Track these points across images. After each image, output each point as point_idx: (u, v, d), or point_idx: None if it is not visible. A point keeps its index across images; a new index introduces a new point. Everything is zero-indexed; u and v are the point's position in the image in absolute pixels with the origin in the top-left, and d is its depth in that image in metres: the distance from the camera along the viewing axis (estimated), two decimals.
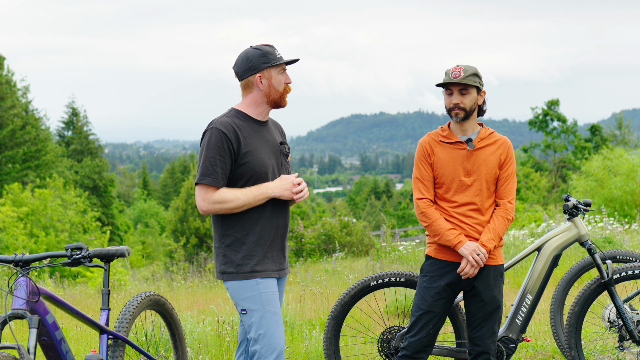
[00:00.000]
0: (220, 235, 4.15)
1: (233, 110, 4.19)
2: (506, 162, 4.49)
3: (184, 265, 17.21)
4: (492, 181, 4.46)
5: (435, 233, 4.44)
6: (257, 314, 4.06)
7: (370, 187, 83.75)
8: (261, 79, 4.14)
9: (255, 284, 4.07)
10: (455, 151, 4.47)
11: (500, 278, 4.52)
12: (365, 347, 6.29)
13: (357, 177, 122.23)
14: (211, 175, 4.02)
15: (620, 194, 21.44)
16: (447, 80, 4.40)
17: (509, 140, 4.56)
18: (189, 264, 17.31)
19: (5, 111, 40.62)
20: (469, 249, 4.35)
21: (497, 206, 4.50)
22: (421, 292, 4.52)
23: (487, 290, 4.46)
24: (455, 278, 4.46)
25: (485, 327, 4.49)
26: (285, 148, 4.30)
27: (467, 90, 4.40)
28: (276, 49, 4.20)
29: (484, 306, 4.47)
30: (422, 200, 4.49)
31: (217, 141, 4.04)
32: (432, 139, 4.55)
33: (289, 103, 4.26)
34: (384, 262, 12.42)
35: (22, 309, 3.61)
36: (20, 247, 23.92)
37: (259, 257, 4.10)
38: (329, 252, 18.48)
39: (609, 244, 10.41)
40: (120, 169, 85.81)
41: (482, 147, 4.47)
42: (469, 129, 4.49)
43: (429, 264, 4.55)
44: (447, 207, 4.47)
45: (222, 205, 4.04)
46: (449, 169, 4.45)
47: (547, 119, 49.05)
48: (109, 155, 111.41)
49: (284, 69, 4.20)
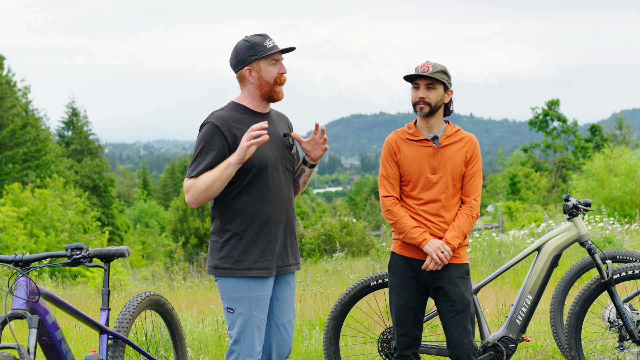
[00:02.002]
0: (218, 229, 4.07)
1: (232, 104, 4.11)
2: (472, 159, 4.50)
3: (184, 265, 17.22)
4: (457, 178, 4.48)
5: (400, 231, 4.45)
6: (242, 317, 4.01)
7: (370, 187, 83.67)
8: (250, 72, 4.04)
9: (247, 287, 3.99)
10: (422, 148, 4.48)
11: (466, 276, 4.53)
12: (365, 347, 6.29)
13: (357, 177, 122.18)
14: (200, 170, 3.93)
15: (620, 194, 21.44)
16: (414, 73, 4.42)
17: (475, 138, 4.57)
18: (189, 264, 17.31)
19: (5, 111, 40.62)
20: (433, 247, 4.36)
21: (463, 204, 4.51)
22: (395, 290, 4.54)
23: (454, 289, 4.46)
24: (419, 273, 4.48)
25: (459, 328, 4.46)
26: (289, 140, 4.18)
27: (434, 86, 4.41)
28: (268, 39, 4.04)
29: (453, 305, 4.46)
30: (388, 198, 4.50)
31: (210, 135, 3.96)
32: (399, 136, 4.55)
33: (289, 103, 4.17)
34: (384, 262, 12.41)
35: (22, 309, 3.61)
36: (20, 247, 23.92)
37: (257, 254, 4.01)
38: (329, 252, 18.48)
39: (609, 244, 10.41)
40: (120, 169, 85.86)
41: (448, 144, 4.48)
42: (435, 127, 4.50)
43: (394, 261, 4.56)
44: (413, 205, 4.47)
45: (199, 192, 3.90)
46: (415, 167, 4.46)
47: (548, 119, 49.06)
48: (109, 155, 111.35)
49: (276, 59, 4.04)
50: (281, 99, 4.11)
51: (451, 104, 4.53)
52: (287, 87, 4.16)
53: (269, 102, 4.14)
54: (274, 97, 4.09)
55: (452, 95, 4.52)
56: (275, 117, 4.22)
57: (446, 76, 4.44)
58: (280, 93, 4.09)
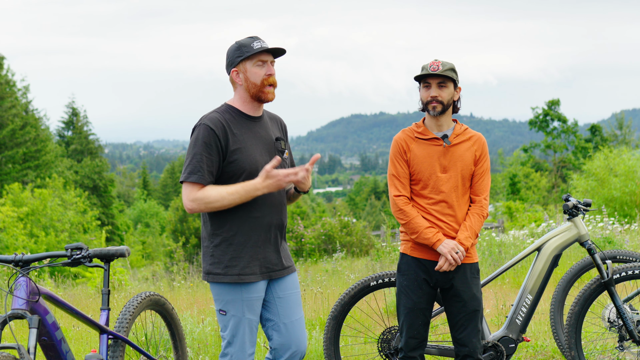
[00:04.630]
0: (209, 234, 4.03)
1: (225, 106, 4.05)
2: (481, 158, 4.51)
3: (184, 265, 17.21)
4: (467, 177, 4.47)
5: (413, 231, 4.42)
6: (234, 319, 3.99)
7: (370, 187, 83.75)
8: (237, 73, 3.98)
9: (239, 289, 3.97)
10: (432, 147, 4.47)
11: (477, 276, 4.54)
12: (365, 347, 6.29)
13: (357, 177, 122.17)
14: (197, 173, 3.88)
15: (620, 194, 21.43)
16: (425, 73, 4.41)
17: (483, 137, 4.58)
18: (189, 264, 17.29)
19: (5, 111, 40.62)
20: (447, 247, 4.35)
21: (473, 203, 4.51)
22: (404, 291, 4.52)
23: (466, 289, 4.46)
24: (431, 275, 4.46)
25: (470, 327, 4.48)
26: (281, 144, 4.12)
27: (445, 84, 4.42)
28: (256, 40, 3.95)
29: (464, 305, 4.46)
30: (400, 198, 4.48)
31: (204, 138, 3.90)
32: (407, 135, 4.54)
33: (288, 103, 4.12)
34: (384, 262, 12.41)
35: (22, 309, 3.61)
36: (20, 247, 23.91)
37: (247, 259, 3.96)
38: (329, 252, 18.48)
39: (609, 244, 10.40)
40: (120, 169, 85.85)
41: (458, 143, 4.48)
42: (444, 125, 4.49)
43: (404, 262, 4.53)
44: (424, 204, 4.46)
45: (207, 204, 3.88)
46: (425, 166, 4.45)
47: (548, 119, 49.05)
48: (109, 155, 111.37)
49: (263, 60, 3.95)
50: (271, 99, 4.02)
51: (459, 102, 4.54)
52: (287, 87, 4.15)
53: (260, 104, 4.07)
54: (263, 99, 4.01)
55: (460, 92, 4.53)
56: (268, 120, 4.15)
57: (455, 74, 4.45)
58: (270, 94, 4.00)
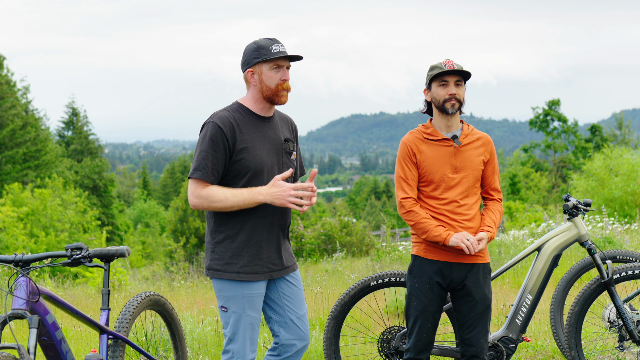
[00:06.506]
0: (212, 231, 4.07)
1: (236, 104, 4.09)
2: (491, 158, 4.55)
3: (184, 265, 17.21)
4: (477, 177, 4.49)
5: (422, 231, 4.41)
6: (235, 316, 4.03)
7: (370, 187, 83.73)
8: (252, 74, 4.02)
9: (240, 286, 4.01)
10: (442, 148, 4.47)
11: (488, 275, 4.54)
12: (365, 347, 6.29)
13: (357, 177, 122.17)
14: (202, 170, 3.93)
15: (621, 194, 21.43)
16: (440, 71, 4.39)
17: (489, 137, 4.61)
18: (189, 264, 17.30)
19: (5, 111, 40.62)
20: (458, 237, 4.34)
21: (489, 200, 4.57)
22: (415, 293, 4.51)
23: (477, 289, 4.46)
24: (445, 276, 4.46)
25: (479, 327, 4.48)
26: (289, 145, 4.15)
27: (461, 82, 4.43)
28: (275, 43, 4.00)
29: (475, 305, 4.46)
30: (407, 200, 4.47)
31: (212, 136, 3.94)
32: (416, 137, 4.52)
33: (288, 103, 4.04)
34: (384, 262, 12.42)
35: (22, 309, 3.61)
36: (20, 247, 23.92)
37: (247, 258, 4.00)
38: (329, 252, 18.48)
39: (609, 244, 10.40)
40: (120, 169, 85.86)
41: (468, 143, 4.49)
42: (453, 125, 4.49)
43: (417, 264, 4.52)
44: (436, 205, 4.45)
45: (210, 202, 3.93)
46: (436, 167, 4.45)
47: (548, 119, 49.05)
48: (109, 155, 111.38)
49: (279, 65, 4.00)
50: (284, 103, 4.07)
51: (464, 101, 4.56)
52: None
53: (272, 105, 4.11)
54: (277, 102, 4.06)
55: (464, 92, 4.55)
56: (279, 120, 4.18)
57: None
58: (284, 97, 4.05)
